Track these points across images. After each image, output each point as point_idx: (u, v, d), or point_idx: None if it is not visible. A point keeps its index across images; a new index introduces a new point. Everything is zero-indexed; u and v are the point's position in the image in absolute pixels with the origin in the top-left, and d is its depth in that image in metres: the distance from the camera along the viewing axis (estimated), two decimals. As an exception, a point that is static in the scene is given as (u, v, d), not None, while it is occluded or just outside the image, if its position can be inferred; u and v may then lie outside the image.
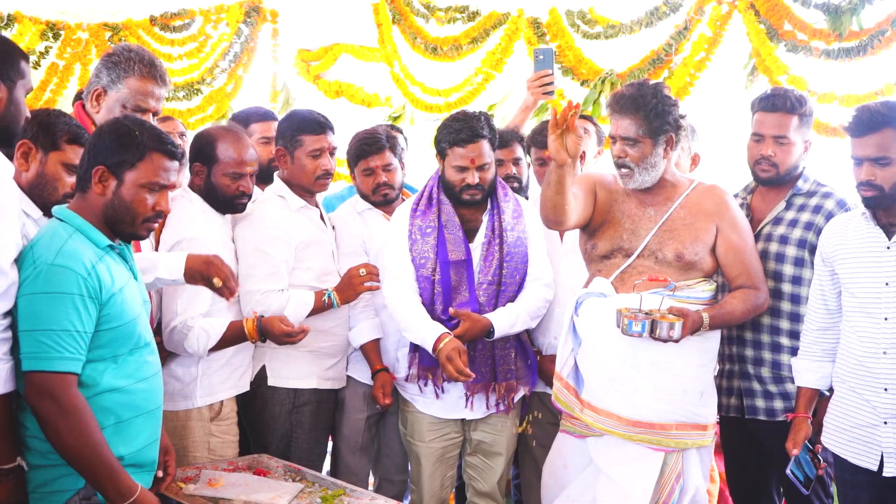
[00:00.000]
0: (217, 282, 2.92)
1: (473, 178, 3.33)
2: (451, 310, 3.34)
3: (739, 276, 3.13)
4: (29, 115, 2.55)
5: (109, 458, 2.35)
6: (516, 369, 3.44)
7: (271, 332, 3.13)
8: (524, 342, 3.52)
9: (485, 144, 3.34)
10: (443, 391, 3.42)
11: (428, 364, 3.40)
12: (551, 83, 3.89)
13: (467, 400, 3.41)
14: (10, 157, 2.58)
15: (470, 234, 3.44)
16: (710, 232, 3.12)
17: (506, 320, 3.36)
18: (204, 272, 2.91)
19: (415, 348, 3.44)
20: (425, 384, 3.43)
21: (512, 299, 3.43)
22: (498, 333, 3.34)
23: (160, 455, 2.63)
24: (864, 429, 2.86)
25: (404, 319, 3.37)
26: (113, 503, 2.36)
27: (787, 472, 3.00)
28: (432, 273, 3.38)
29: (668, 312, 2.95)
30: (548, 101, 3.98)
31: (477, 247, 3.43)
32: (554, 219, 3.13)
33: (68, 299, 2.30)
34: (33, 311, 2.30)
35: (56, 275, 2.30)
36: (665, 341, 2.94)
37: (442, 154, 3.40)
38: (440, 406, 3.47)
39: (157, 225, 2.57)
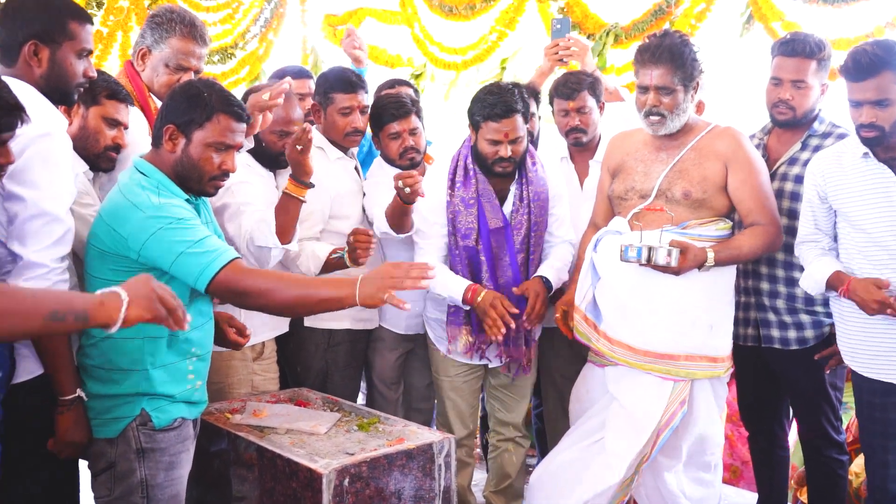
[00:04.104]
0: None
1: (507, 151, 3.13)
2: (515, 290, 3.19)
3: (751, 213, 2.97)
4: (94, 75, 2.44)
5: (318, 284, 2.31)
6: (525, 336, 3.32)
7: None
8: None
9: (518, 118, 3.12)
10: (482, 355, 3.32)
11: (457, 324, 3.31)
12: (567, 50, 3.77)
13: (480, 354, 3.32)
14: None
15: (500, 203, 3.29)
16: (718, 171, 2.97)
17: (555, 275, 3.26)
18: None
19: (453, 316, 3.30)
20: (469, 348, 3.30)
21: (539, 261, 3.33)
22: (555, 285, 3.26)
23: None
24: None
25: (436, 285, 3.16)
26: (353, 303, 2.22)
27: None
28: (476, 243, 3.23)
29: (669, 245, 2.85)
30: (562, 66, 3.87)
31: (506, 214, 3.28)
32: None
33: (187, 221, 2.27)
34: (167, 242, 2.24)
35: (167, 209, 2.26)
36: (664, 270, 2.84)
37: (475, 127, 3.19)
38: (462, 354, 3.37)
39: (223, 183, 2.45)
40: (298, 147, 2.87)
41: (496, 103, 3.09)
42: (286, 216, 2.94)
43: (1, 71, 2.35)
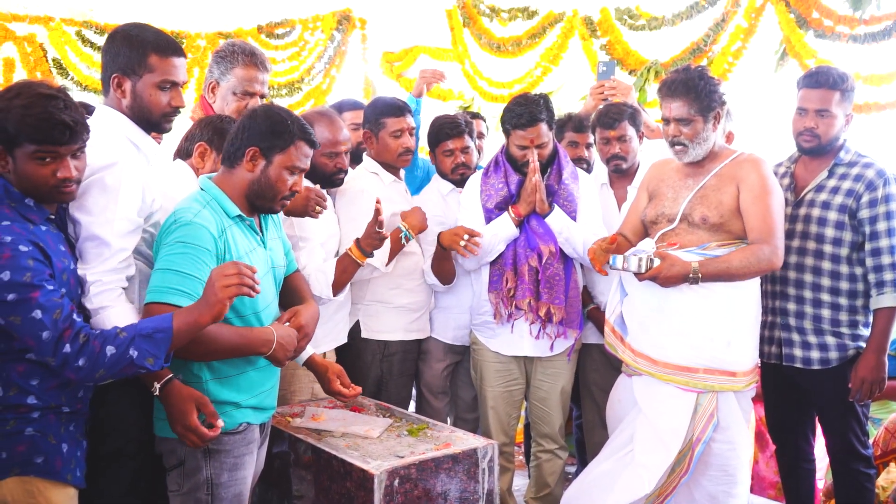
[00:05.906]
0: (319, 209, 2.93)
1: (533, 154, 3.26)
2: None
3: (751, 232, 2.92)
4: (179, 104, 2.44)
5: (235, 335, 2.28)
6: (564, 299, 3.29)
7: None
8: (573, 280, 3.36)
9: (543, 126, 3.26)
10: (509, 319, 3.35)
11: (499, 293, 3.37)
12: (611, 91, 3.85)
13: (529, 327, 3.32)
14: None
15: None
16: (732, 195, 2.95)
17: (562, 217, 3.30)
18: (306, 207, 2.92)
19: (494, 281, 3.36)
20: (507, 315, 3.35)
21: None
22: (552, 216, 3.29)
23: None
24: None
25: (486, 238, 3.28)
26: (266, 354, 2.33)
27: None
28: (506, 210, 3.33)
29: (655, 255, 2.87)
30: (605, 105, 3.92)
31: None
32: None
33: (199, 250, 2.24)
34: (167, 255, 2.24)
35: (194, 229, 2.25)
36: (640, 277, 2.86)
37: (506, 133, 3.34)
38: (504, 342, 3.39)
39: (289, 202, 2.46)
40: (378, 226, 2.94)
41: (522, 113, 3.25)
42: (343, 275, 3.05)
43: (102, 101, 2.44)
